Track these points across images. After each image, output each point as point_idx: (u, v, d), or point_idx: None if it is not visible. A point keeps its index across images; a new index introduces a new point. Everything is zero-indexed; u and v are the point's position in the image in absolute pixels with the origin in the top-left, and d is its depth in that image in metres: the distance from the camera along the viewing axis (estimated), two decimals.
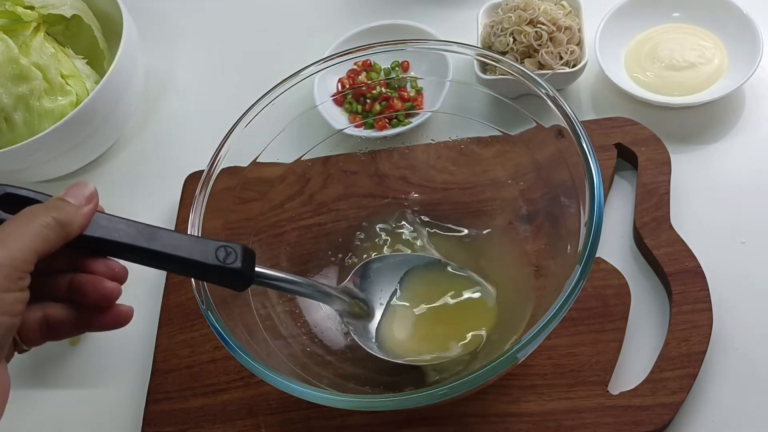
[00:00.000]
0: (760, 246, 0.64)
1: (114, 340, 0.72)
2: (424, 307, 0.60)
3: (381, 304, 0.60)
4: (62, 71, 0.79)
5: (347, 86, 0.77)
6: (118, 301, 0.44)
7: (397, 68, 0.78)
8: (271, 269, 0.51)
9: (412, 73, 0.77)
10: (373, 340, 0.58)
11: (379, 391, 0.57)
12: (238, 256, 0.45)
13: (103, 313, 0.44)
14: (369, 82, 0.76)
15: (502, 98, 0.63)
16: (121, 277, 0.44)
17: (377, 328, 0.59)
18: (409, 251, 0.65)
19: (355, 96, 0.76)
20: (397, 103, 0.75)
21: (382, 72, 0.79)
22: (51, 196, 0.43)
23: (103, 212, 0.44)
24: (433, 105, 0.71)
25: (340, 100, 0.76)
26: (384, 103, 0.75)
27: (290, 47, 0.90)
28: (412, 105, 0.75)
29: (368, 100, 0.75)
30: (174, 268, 0.45)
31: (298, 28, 0.92)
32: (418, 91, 0.76)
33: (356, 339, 0.58)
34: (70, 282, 0.43)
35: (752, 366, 0.58)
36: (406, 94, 0.76)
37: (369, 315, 0.59)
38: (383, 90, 0.76)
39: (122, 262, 0.44)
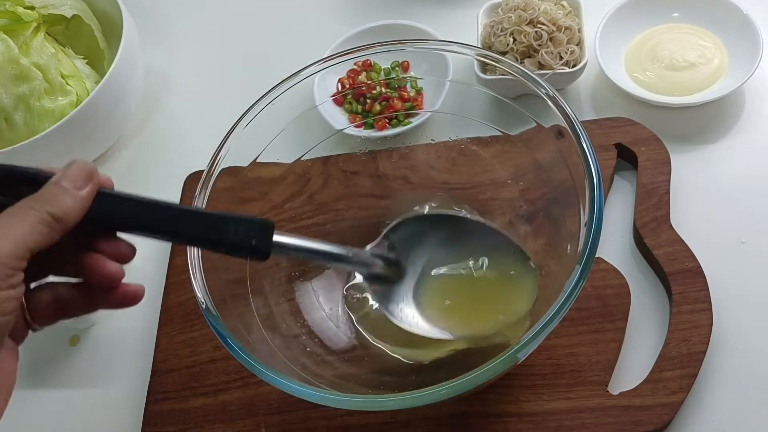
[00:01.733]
0: (760, 246, 0.64)
1: (114, 340, 0.72)
2: (460, 281, 0.58)
3: (414, 270, 0.57)
4: (62, 71, 0.79)
5: (347, 86, 0.77)
6: (126, 280, 0.43)
7: (397, 68, 0.78)
8: (292, 237, 0.47)
9: (412, 73, 0.77)
10: (406, 307, 0.56)
11: (379, 391, 0.57)
12: (254, 232, 0.44)
13: (110, 293, 0.43)
14: (369, 82, 0.76)
15: (502, 98, 0.63)
16: (126, 256, 0.43)
17: (414, 294, 0.57)
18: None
19: (355, 96, 0.76)
20: (397, 103, 0.75)
21: (382, 72, 0.79)
22: (51, 174, 0.41)
23: (108, 188, 0.42)
24: (433, 105, 0.71)
25: (340, 100, 0.76)
26: (384, 103, 0.75)
27: (290, 47, 0.90)
28: (412, 105, 0.75)
29: (368, 100, 0.75)
30: (185, 242, 0.44)
31: (298, 28, 0.92)
32: (418, 91, 0.76)
33: (383, 309, 0.56)
34: (76, 261, 0.42)
35: (752, 366, 0.58)
36: (406, 94, 0.76)
37: (400, 277, 0.56)
38: (383, 90, 0.76)
39: (131, 238, 0.43)
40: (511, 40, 0.74)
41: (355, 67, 0.78)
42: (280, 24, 0.93)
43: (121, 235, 0.43)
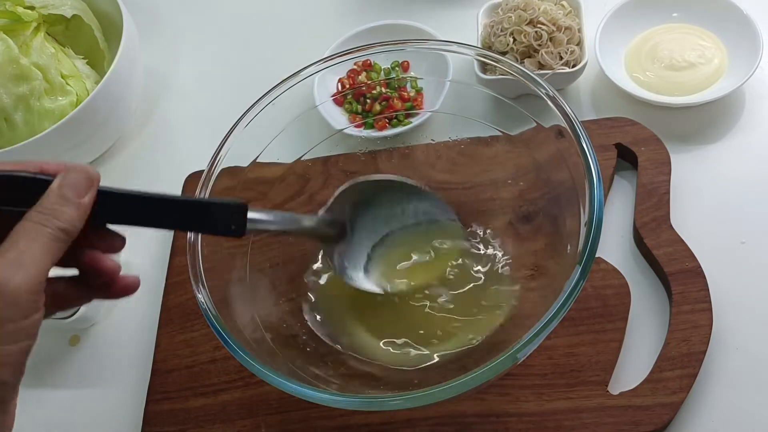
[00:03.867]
0: (760, 246, 0.64)
1: (114, 340, 0.72)
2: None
3: (367, 231, 0.61)
4: (62, 71, 0.79)
5: (347, 86, 0.77)
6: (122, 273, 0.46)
7: (397, 68, 0.78)
8: (261, 212, 0.51)
9: (412, 73, 0.77)
10: (360, 271, 0.60)
11: (379, 391, 0.57)
12: (232, 215, 0.48)
13: (109, 286, 0.46)
14: (369, 82, 0.76)
15: (502, 98, 0.63)
16: (117, 247, 0.46)
17: (366, 262, 0.61)
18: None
19: (355, 96, 0.76)
20: (397, 103, 0.75)
21: (382, 72, 0.79)
22: (48, 179, 0.42)
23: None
24: (433, 105, 0.71)
25: (340, 100, 0.76)
26: (384, 103, 0.75)
27: (290, 47, 0.90)
28: (412, 105, 0.75)
29: (368, 100, 0.75)
30: (171, 228, 0.51)
31: (299, 29, 0.92)
32: (418, 91, 0.76)
33: (341, 274, 0.59)
34: (74, 257, 0.44)
35: (752, 366, 0.58)
36: (406, 94, 0.76)
37: (344, 236, 0.60)
38: (383, 90, 0.76)
39: (120, 229, 0.46)
40: (511, 40, 0.74)
41: (355, 67, 0.78)
42: (281, 24, 0.93)
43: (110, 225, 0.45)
